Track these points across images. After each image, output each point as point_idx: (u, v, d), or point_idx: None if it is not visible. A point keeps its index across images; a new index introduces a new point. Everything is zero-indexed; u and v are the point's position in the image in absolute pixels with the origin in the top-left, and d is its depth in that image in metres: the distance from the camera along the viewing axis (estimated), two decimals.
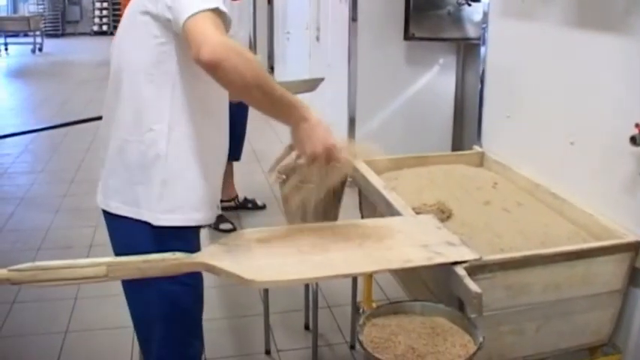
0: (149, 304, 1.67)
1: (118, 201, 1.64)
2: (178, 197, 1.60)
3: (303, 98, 1.58)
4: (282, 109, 1.48)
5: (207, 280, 2.92)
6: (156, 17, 1.52)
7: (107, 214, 1.69)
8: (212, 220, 1.71)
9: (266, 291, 2.83)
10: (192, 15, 1.39)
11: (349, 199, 2.82)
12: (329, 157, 1.51)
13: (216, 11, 1.42)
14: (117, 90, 1.62)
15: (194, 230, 1.67)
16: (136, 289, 1.67)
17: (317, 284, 2.58)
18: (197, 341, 1.78)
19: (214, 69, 1.37)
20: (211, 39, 1.36)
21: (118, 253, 1.61)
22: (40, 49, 13.02)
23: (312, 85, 3.62)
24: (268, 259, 1.55)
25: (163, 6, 1.49)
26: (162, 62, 1.55)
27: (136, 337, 1.84)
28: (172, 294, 1.65)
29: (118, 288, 1.73)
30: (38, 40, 13.01)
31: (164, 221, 1.60)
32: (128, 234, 1.60)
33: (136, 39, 1.57)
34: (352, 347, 2.90)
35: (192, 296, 1.75)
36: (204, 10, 1.40)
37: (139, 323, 1.74)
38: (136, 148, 1.60)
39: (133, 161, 1.60)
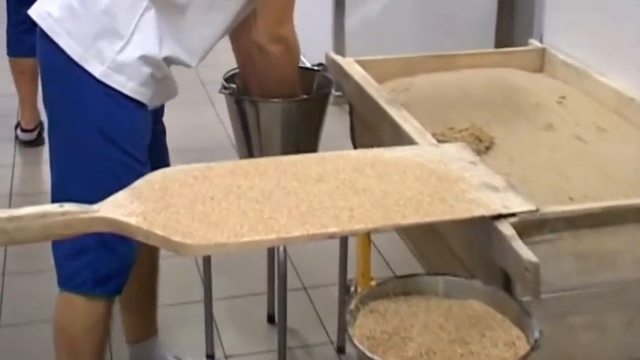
0: None
1: None
2: None
3: None
4: None
5: None
6: None
7: None
8: None
9: (207, 263, 2.82)
10: None
11: (335, 123, 2.76)
12: None
13: None
14: None
15: None
16: None
17: (285, 251, 2.56)
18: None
19: (260, 53, 2.17)
20: (271, 25, 2.15)
21: None
22: None
23: None
24: (210, 212, 1.55)
25: None
26: None
27: None
28: None
29: None
30: None
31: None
32: None
33: None
34: (340, 350, 2.92)
35: None
36: None
37: None
38: None
39: None
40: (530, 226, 1.67)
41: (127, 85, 2.06)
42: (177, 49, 2.13)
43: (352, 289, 2.81)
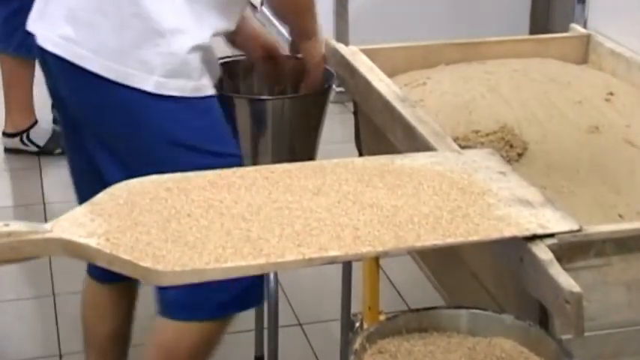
0: None
1: None
2: None
3: None
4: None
5: (74, 283, 2.85)
6: None
7: None
8: None
9: None
10: None
11: (337, 124, 2.72)
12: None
13: None
14: None
15: None
16: None
17: (277, 279, 2.56)
18: None
19: None
20: None
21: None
22: None
23: None
24: (186, 231, 1.55)
25: None
26: None
27: None
28: None
29: None
30: None
31: None
32: None
33: None
34: None
35: None
36: None
37: None
38: None
39: None
40: (572, 249, 1.65)
41: (186, 87, 2.05)
42: (218, 21, 2.12)
43: (357, 324, 2.76)
